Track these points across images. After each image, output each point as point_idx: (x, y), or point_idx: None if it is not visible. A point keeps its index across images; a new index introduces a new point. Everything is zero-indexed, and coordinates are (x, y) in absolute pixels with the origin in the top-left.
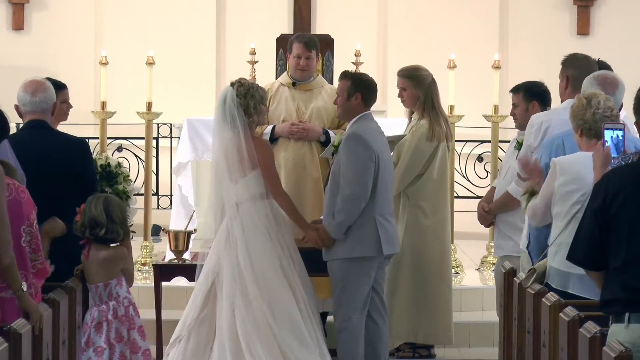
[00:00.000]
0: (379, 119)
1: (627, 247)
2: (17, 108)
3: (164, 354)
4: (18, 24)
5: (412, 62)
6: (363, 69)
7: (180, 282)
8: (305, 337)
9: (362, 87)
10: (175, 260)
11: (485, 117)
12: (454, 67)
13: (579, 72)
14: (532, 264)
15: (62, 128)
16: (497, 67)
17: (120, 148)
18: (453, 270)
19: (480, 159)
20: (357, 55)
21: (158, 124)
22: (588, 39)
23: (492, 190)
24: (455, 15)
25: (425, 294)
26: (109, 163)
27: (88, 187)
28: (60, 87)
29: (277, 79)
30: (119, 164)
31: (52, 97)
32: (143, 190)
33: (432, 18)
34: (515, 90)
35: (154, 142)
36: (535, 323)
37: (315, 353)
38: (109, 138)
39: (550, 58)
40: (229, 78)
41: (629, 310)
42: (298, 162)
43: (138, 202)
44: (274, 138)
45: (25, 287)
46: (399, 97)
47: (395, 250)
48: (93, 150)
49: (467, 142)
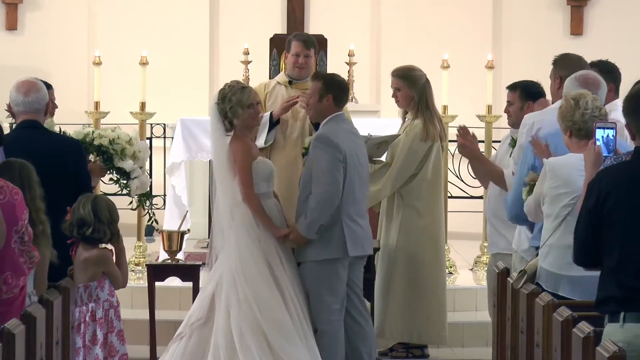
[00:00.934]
0: (373, 119)
1: (621, 246)
2: (10, 108)
3: (167, 348)
4: (11, 24)
5: (405, 62)
6: (356, 69)
7: (174, 282)
8: (294, 336)
9: (333, 88)
10: (169, 260)
11: (479, 117)
12: (448, 67)
13: (572, 72)
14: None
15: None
16: (490, 67)
17: None
18: (446, 270)
19: None
20: (350, 55)
21: (151, 124)
22: (581, 39)
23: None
24: (449, 15)
25: (420, 294)
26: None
27: (82, 187)
28: (47, 87)
29: (274, 78)
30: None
31: (45, 97)
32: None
33: (425, 18)
34: (512, 88)
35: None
36: (529, 323)
37: (304, 350)
38: None
39: (544, 58)
40: (223, 78)
41: (624, 310)
42: (291, 162)
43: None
44: (275, 122)
45: None
46: (393, 97)
47: (365, 252)
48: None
49: None
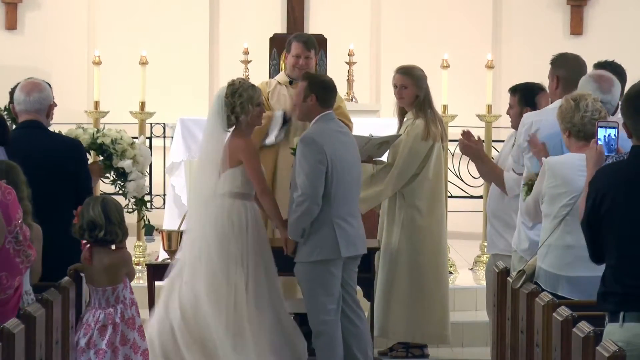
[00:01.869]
0: (372, 119)
1: (619, 245)
2: (12, 108)
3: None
4: (11, 24)
5: (405, 61)
6: (356, 69)
7: None
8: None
9: (317, 88)
10: (169, 260)
11: (479, 116)
12: (447, 66)
13: (570, 72)
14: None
15: (54, 128)
16: (490, 66)
17: None
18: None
19: None
20: (350, 55)
21: (151, 124)
22: (581, 39)
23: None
24: (449, 15)
25: (422, 294)
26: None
27: (82, 187)
28: None
29: (274, 77)
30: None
31: (47, 98)
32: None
33: (425, 18)
34: (513, 92)
35: (147, 141)
36: (529, 323)
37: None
38: None
39: (544, 58)
40: (222, 78)
41: (624, 309)
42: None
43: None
44: (287, 120)
45: None
46: (397, 94)
47: (358, 252)
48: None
49: None
